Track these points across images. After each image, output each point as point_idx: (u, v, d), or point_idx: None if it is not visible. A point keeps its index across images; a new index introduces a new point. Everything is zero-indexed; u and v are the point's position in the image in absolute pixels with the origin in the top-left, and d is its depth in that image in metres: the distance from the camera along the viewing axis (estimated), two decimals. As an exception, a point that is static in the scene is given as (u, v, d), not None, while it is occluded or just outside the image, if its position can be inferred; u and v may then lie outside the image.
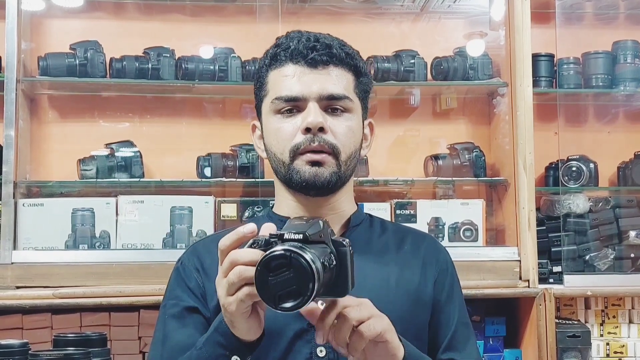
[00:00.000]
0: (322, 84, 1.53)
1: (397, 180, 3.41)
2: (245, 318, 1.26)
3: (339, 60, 1.56)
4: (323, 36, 1.58)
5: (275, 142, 1.57)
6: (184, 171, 3.37)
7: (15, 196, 3.07)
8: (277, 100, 1.55)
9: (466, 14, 3.68)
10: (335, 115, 1.55)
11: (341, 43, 1.59)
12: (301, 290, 1.17)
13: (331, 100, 1.54)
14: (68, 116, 3.48)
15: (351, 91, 1.58)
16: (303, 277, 1.17)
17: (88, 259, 3.05)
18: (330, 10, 3.59)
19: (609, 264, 3.34)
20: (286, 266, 1.17)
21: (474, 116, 3.67)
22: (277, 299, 1.17)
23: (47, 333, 2.92)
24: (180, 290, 1.57)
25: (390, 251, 1.62)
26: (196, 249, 1.64)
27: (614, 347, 3.21)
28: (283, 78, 1.55)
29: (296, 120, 1.54)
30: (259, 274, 1.18)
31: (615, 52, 3.53)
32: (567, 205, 3.35)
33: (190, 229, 3.20)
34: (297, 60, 1.54)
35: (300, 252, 1.18)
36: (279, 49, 1.57)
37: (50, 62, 3.24)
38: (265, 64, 1.60)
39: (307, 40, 1.55)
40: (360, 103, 1.61)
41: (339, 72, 1.56)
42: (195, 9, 3.59)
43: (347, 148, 1.55)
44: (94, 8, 3.55)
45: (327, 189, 1.55)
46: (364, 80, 1.63)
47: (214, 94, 3.53)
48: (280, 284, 1.17)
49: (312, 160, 1.52)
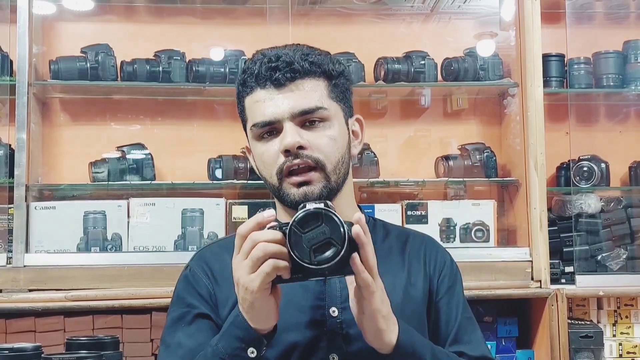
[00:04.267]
0: (292, 102, 1.53)
1: (408, 181, 3.40)
2: (266, 295, 1.31)
3: (304, 72, 1.54)
4: (285, 52, 1.56)
5: (262, 167, 1.59)
6: (195, 173, 3.38)
7: (27, 199, 3.08)
8: (254, 128, 1.56)
9: (476, 14, 3.68)
10: (314, 128, 1.54)
11: (304, 53, 1.57)
12: (334, 242, 1.25)
13: (305, 115, 1.53)
14: (79, 119, 3.50)
15: (325, 98, 1.56)
16: (336, 229, 1.26)
17: (100, 261, 3.06)
18: (340, 11, 3.59)
19: (621, 264, 3.33)
20: (319, 220, 1.26)
21: (485, 117, 3.66)
22: (312, 253, 1.25)
23: (59, 336, 2.93)
24: (191, 297, 1.58)
25: (394, 255, 1.64)
26: (204, 255, 1.65)
27: (626, 347, 3.20)
28: (255, 104, 1.56)
29: (275, 142, 1.54)
30: (292, 233, 1.26)
31: (626, 52, 3.52)
32: (579, 206, 3.34)
33: (201, 231, 3.20)
34: (263, 84, 1.54)
35: (331, 209, 1.28)
36: (245, 74, 1.58)
37: (61, 66, 3.25)
38: (239, 90, 1.61)
39: (268, 61, 1.54)
40: (339, 106, 1.60)
41: (308, 83, 1.55)
42: (206, 11, 3.60)
43: (332, 157, 1.55)
44: (104, 11, 3.56)
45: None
46: (340, 81, 1.60)
47: (225, 96, 3.53)
48: (315, 237, 1.25)
49: (299, 182, 1.53)
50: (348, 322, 1.50)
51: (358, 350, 1.50)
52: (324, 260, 1.25)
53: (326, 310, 1.52)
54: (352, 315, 1.47)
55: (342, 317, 1.52)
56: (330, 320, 1.52)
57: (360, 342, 1.47)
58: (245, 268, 1.29)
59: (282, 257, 1.28)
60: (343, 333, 1.51)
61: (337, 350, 1.51)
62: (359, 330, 1.47)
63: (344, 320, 1.51)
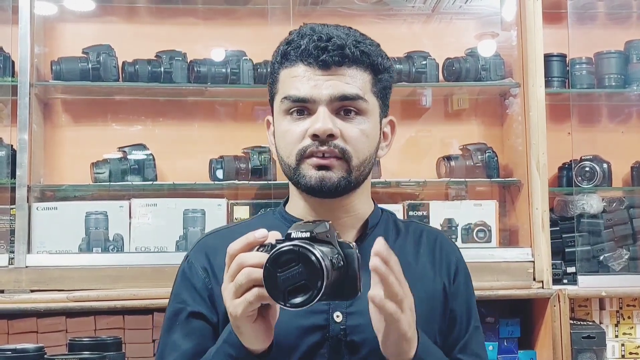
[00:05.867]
0: (334, 86, 1.45)
1: (409, 181, 3.40)
2: (250, 322, 1.24)
3: (353, 60, 1.47)
4: (337, 33, 1.47)
5: (282, 145, 1.51)
6: (197, 174, 3.38)
7: (29, 200, 3.08)
8: (285, 100, 1.48)
9: (477, 14, 3.67)
10: (348, 119, 1.47)
11: (357, 40, 1.49)
12: (310, 285, 1.16)
13: (344, 101, 1.46)
14: (81, 120, 3.50)
15: (367, 91, 1.49)
16: (312, 271, 1.16)
17: (102, 262, 3.06)
18: (341, 12, 3.59)
19: (623, 264, 3.32)
20: (295, 261, 1.17)
21: (486, 117, 3.66)
22: (286, 295, 1.17)
23: (61, 336, 2.93)
24: (186, 292, 1.53)
25: (408, 255, 1.56)
26: (204, 245, 1.58)
27: (629, 347, 3.19)
28: (293, 78, 1.48)
29: (305, 123, 1.47)
30: (267, 270, 1.17)
31: (628, 52, 3.51)
32: (581, 206, 3.34)
33: (203, 231, 3.19)
34: (307, 61, 1.46)
35: (309, 247, 1.17)
36: (289, 47, 1.49)
37: (63, 66, 3.25)
38: (277, 60, 1.53)
39: (318, 39, 1.46)
40: (377, 102, 1.52)
41: (353, 71, 1.47)
42: (207, 12, 3.60)
43: (360, 153, 1.47)
44: (106, 12, 3.57)
45: (335, 193, 1.48)
46: (384, 77, 1.53)
47: (226, 96, 3.53)
48: (289, 279, 1.16)
49: (319, 165, 1.45)
50: (352, 329, 1.45)
51: (361, 358, 1.45)
52: (297, 305, 1.16)
53: (330, 314, 1.45)
54: (357, 322, 1.44)
55: (346, 323, 1.46)
56: (333, 326, 1.45)
57: (365, 350, 1.44)
58: (230, 292, 1.23)
59: None
60: (346, 340, 1.45)
61: (339, 358, 1.45)
62: (363, 338, 1.44)
63: (347, 327, 1.45)
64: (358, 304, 1.43)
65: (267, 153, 3.30)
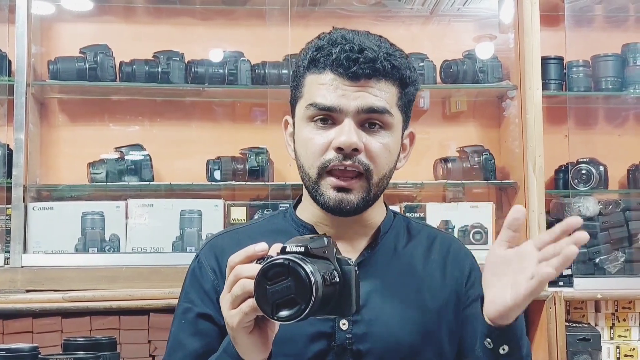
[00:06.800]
0: (362, 98, 1.43)
1: (406, 183, 3.40)
2: (246, 333, 1.24)
3: (384, 74, 1.44)
4: (369, 45, 1.44)
5: (304, 153, 1.48)
6: (194, 174, 3.38)
7: (25, 200, 3.07)
8: (311, 107, 1.45)
9: (475, 17, 3.68)
10: (373, 132, 1.45)
11: (388, 53, 1.46)
12: (298, 300, 1.17)
13: (370, 114, 1.44)
14: (78, 120, 3.49)
15: (394, 105, 1.47)
16: (301, 286, 1.17)
17: (98, 262, 3.05)
18: (340, 13, 3.59)
19: (619, 267, 3.33)
20: (284, 275, 1.17)
21: (484, 119, 3.66)
22: (274, 308, 1.17)
23: (57, 336, 2.92)
24: (195, 292, 1.53)
25: (416, 262, 1.55)
26: (214, 245, 1.57)
27: (624, 350, 3.20)
28: (321, 85, 1.45)
29: (329, 133, 1.44)
30: (257, 283, 1.18)
31: (625, 55, 3.52)
32: (577, 208, 3.34)
33: (199, 232, 3.20)
34: (337, 70, 1.43)
35: (299, 262, 1.18)
36: (319, 53, 1.46)
37: (60, 66, 3.25)
38: (303, 64, 1.49)
39: (350, 50, 1.43)
40: (402, 116, 1.51)
41: (382, 85, 1.45)
42: (205, 12, 3.60)
43: (380, 169, 1.46)
44: (103, 12, 3.56)
45: (354, 214, 1.47)
46: (410, 90, 1.51)
47: (224, 97, 3.53)
48: (278, 292, 1.17)
49: (339, 186, 1.44)
50: (358, 337, 1.44)
51: None
52: (283, 318, 1.17)
53: (336, 322, 1.44)
54: (363, 330, 1.44)
55: (352, 331, 1.44)
56: (339, 334, 1.44)
57: (370, 359, 1.43)
58: (227, 303, 1.23)
59: None
60: (352, 349, 1.44)
61: None
62: (368, 347, 1.44)
63: (354, 335, 1.44)
64: (365, 313, 1.44)
65: (265, 154, 3.30)
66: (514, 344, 1.33)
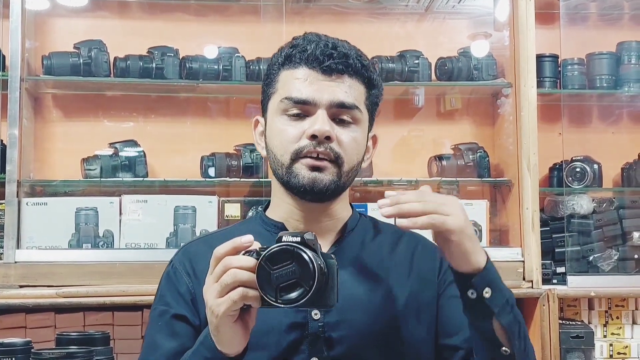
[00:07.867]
0: (334, 92, 1.52)
1: (401, 180, 3.40)
2: (230, 322, 1.29)
3: (355, 70, 1.54)
4: (341, 44, 1.56)
5: (277, 143, 1.55)
6: (188, 171, 3.37)
7: (18, 195, 3.07)
8: (286, 100, 1.53)
9: (470, 14, 3.68)
10: (343, 126, 1.53)
11: (358, 53, 1.57)
12: (303, 283, 1.24)
13: (341, 109, 1.52)
14: (72, 115, 3.48)
15: (362, 102, 1.56)
16: (305, 270, 1.24)
17: (91, 258, 3.05)
18: (334, 10, 3.59)
19: (612, 264, 3.34)
20: (289, 259, 1.24)
21: (478, 117, 3.66)
22: (278, 292, 1.24)
23: (50, 332, 2.92)
24: (170, 295, 1.57)
25: (383, 252, 1.62)
26: (188, 251, 1.63)
27: (617, 347, 3.20)
28: (295, 80, 1.53)
29: (303, 124, 1.52)
30: (261, 268, 1.24)
31: (620, 53, 3.52)
32: (571, 206, 3.35)
33: (193, 228, 3.20)
34: (312, 65, 1.52)
35: (303, 247, 1.25)
36: (295, 50, 1.55)
37: (54, 61, 3.24)
38: (278, 62, 1.58)
39: (324, 46, 1.53)
40: (368, 115, 1.60)
41: (352, 82, 1.54)
42: (200, 8, 3.59)
43: (350, 159, 1.54)
44: (98, 7, 3.55)
45: (324, 196, 1.53)
46: (375, 92, 1.61)
47: (218, 93, 3.53)
48: (282, 276, 1.24)
49: (313, 165, 1.51)
50: (330, 325, 1.50)
51: (340, 354, 1.50)
52: (288, 301, 1.24)
53: (308, 312, 1.50)
54: (334, 319, 1.49)
55: (324, 320, 1.50)
56: (312, 323, 1.50)
57: (343, 346, 1.49)
58: (214, 292, 1.28)
59: (252, 286, 1.26)
60: (325, 336, 1.50)
61: (319, 354, 1.49)
62: (341, 334, 1.50)
63: (326, 324, 1.50)
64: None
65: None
66: (494, 285, 1.41)
